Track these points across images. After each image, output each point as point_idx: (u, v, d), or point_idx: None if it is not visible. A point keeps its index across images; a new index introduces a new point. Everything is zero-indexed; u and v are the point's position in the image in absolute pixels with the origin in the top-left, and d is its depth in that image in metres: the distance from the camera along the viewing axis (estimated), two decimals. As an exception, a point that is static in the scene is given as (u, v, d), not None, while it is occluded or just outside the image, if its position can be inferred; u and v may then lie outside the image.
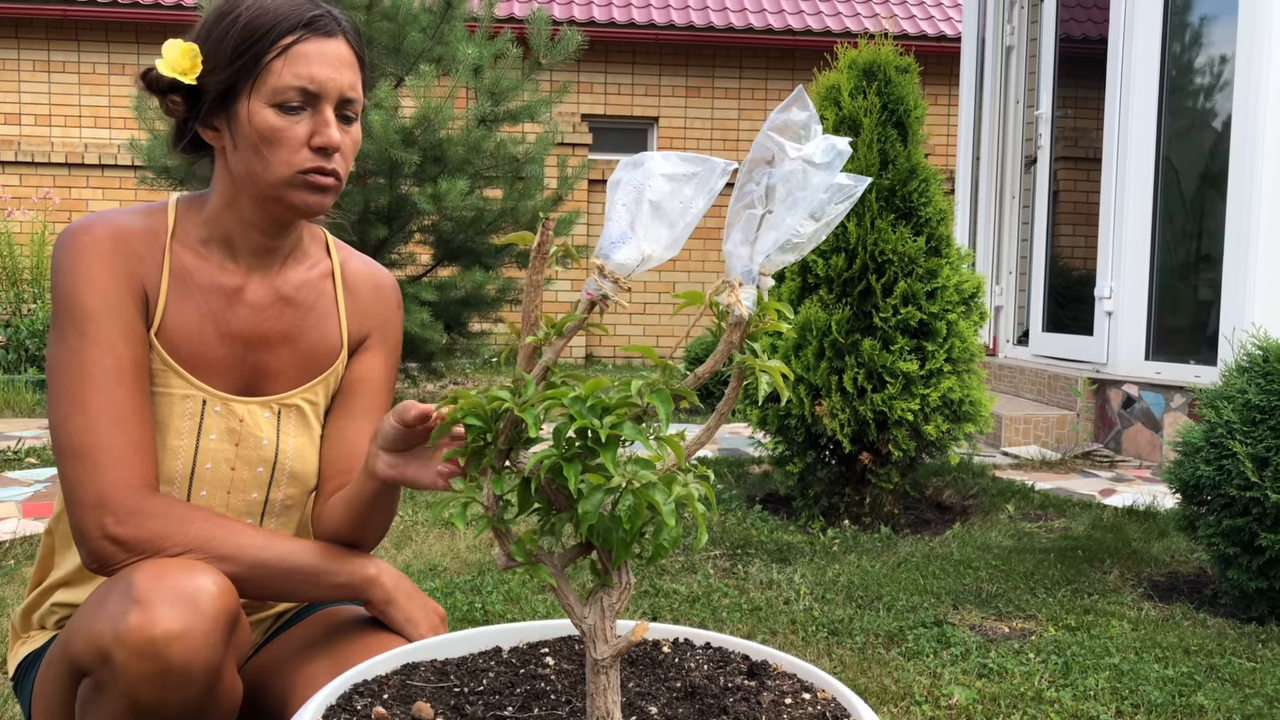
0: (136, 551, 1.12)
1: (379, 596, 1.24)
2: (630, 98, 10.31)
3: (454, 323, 6.35)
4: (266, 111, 1.18)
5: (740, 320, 0.88)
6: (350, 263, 1.38)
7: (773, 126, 0.84)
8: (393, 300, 1.40)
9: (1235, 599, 2.63)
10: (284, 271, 1.30)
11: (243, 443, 1.27)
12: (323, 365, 1.33)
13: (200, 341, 1.24)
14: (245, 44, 1.17)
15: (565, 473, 0.86)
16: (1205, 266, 4.64)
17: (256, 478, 1.28)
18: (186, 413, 1.23)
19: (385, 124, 5.29)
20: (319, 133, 1.19)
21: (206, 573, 1.08)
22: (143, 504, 1.13)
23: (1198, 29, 4.74)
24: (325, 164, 1.20)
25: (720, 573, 2.86)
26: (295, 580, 1.18)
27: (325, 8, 1.23)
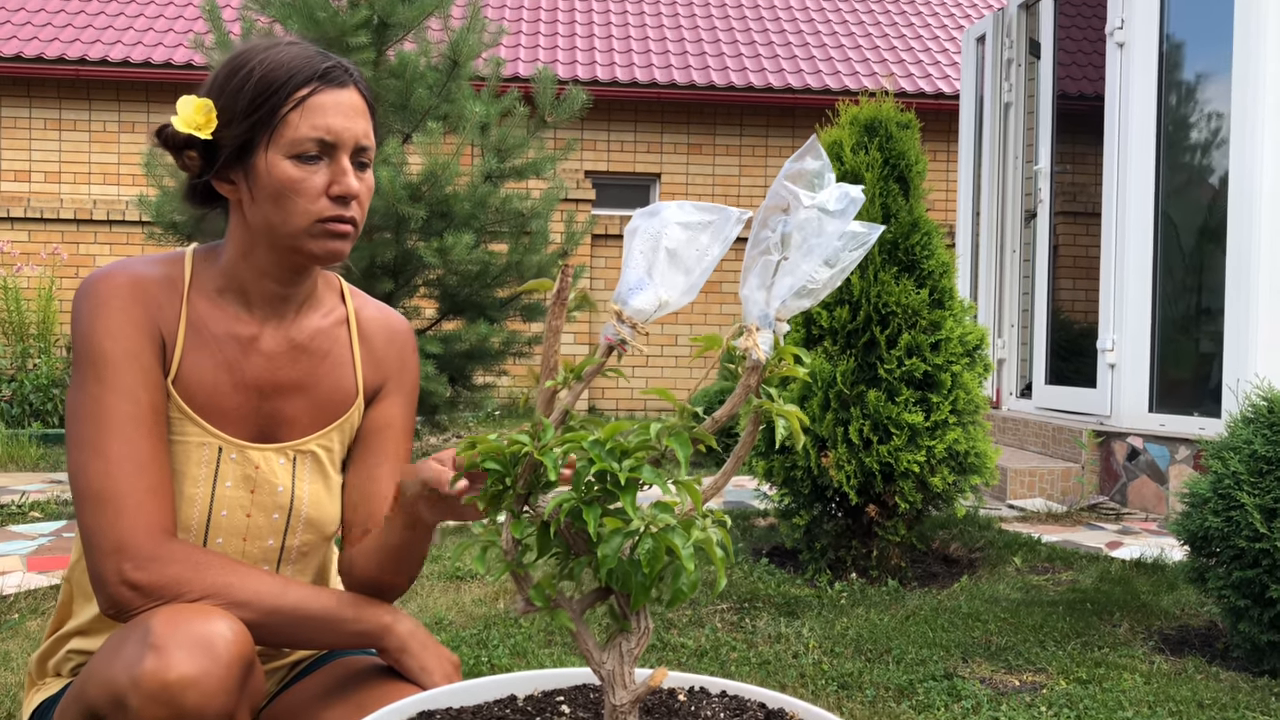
0: (154, 597, 1.12)
1: (394, 645, 1.24)
2: (633, 155, 10.44)
3: (458, 376, 6.36)
4: (285, 163, 1.19)
5: (758, 364, 0.89)
6: (365, 310, 1.40)
7: (787, 175, 0.86)
8: (408, 346, 1.41)
9: (1247, 652, 2.61)
10: (298, 320, 1.31)
11: (258, 489, 1.27)
12: (337, 412, 1.34)
13: (216, 390, 1.25)
14: (261, 98, 1.19)
15: (585, 516, 0.86)
16: (1207, 319, 4.67)
17: (272, 524, 1.29)
18: (203, 460, 1.24)
19: (392, 180, 5.35)
20: (337, 181, 1.21)
21: (222, 619, 1.08)
22: (161, 549, 1.14)
23: (1193, 86, 4.82)
24: (344, 211, 1.22)
25: (728, 626, 2.84)
26: (310, 627, 1.18)
27: (335, 58, 1.25)
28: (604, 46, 10.92)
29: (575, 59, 10.60)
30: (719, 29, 11.54)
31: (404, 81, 5.85)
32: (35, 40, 9.99)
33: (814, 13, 12.15)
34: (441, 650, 1.26)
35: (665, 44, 11.06)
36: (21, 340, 7.53)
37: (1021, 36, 6.24)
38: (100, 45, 10.02)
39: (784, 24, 11.77)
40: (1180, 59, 4.86)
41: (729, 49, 11.05)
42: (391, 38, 5.96)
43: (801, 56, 10.99)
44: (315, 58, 1.22)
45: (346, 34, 5.49)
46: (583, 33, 11.24)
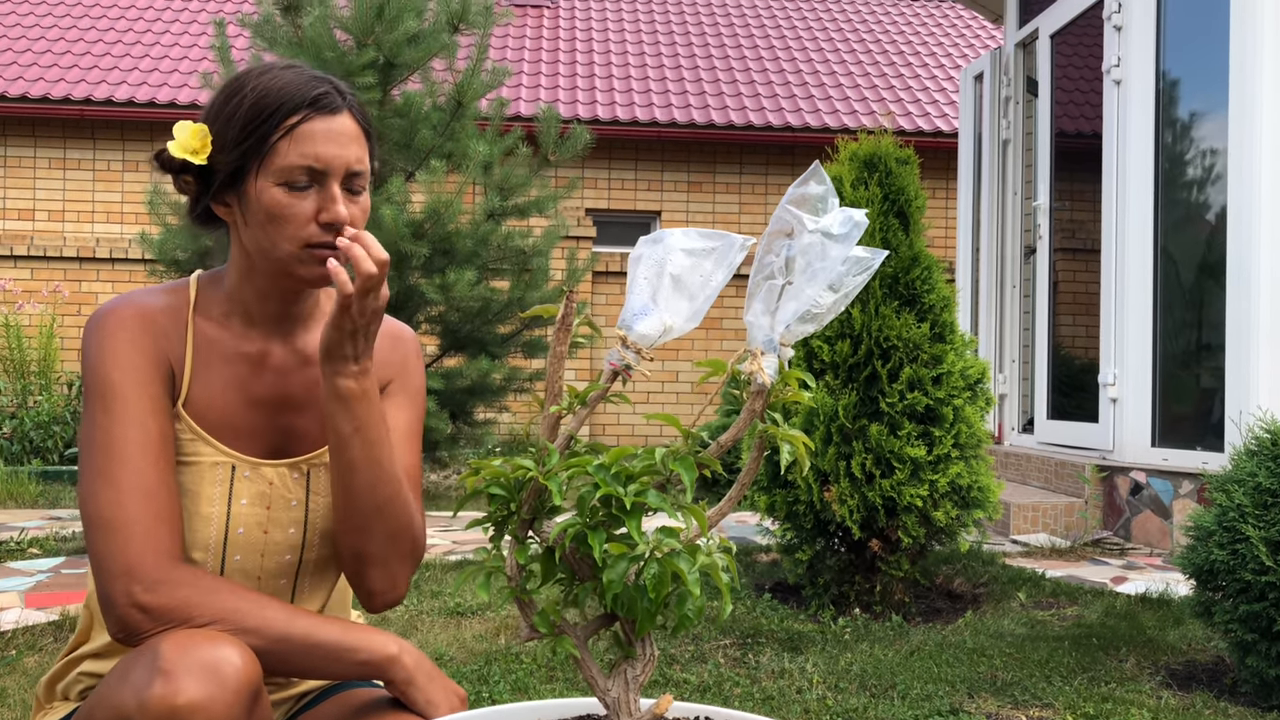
0: (163, 620, 1.12)
1: (400, 676, 1.23)
2: (634, 193, 10.50)
3: (459, 412, 6.37)
4: (274, 190, 1.20)
5: (763, 388, 0.89)
6: None
7: (791, 200, 0.87)
8: (412, 348, 1.41)
9: (1255, 687, 2.59)
10: (306, 334, 1.33)
11: (273, 505, 1.28)
12: None
13: (227, 409, 1.27)
14: (252, 125, 1.20)
15: (590, 541, 0.86)
16: (1208, 353, 4.67)
17: (289, 539, 1.30)
18: (217, 479, 1.25)
19: (395, 217, 5.39)
20: (325, 209, 1.21)
21: (231, 645, 1.08)
22: (170, 573, 1.14)
23: (1190, 124, 4.86)
24: (333, 238, 1.22)
25: (730, 662, 2.82)
26: (317, 656, 1.18)
27: (330, 83, 1.25)
28: (605, 86, 11.03)
29: (576, 98, 10.70)
30: (719, 68, 11.66)
31: (408, 121, 5.91)
32: (41, 81, 10.09)
33: (813, 53, 12.28)
34: (448, 683, 1.26)
35: (665, 83, 11.17)
36: (22, 378, 7.54)
37: (1019, 75, 6.30)
38: (105, 85, 10.12)
39: (783, 63, 11.90)
40: (1177, 96, 4.90)
41: (729, 88, 11.15)
42: (397, 78, 6.04)
43: (800, 96, 11.09)
44: (308, 84, 1.22)
45: (353, 74, 5.55)
46: (584, 73, 11.35)
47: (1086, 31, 5.66)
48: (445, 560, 4.10)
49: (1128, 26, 4.95)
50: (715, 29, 12.75)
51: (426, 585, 3.64)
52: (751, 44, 12.37)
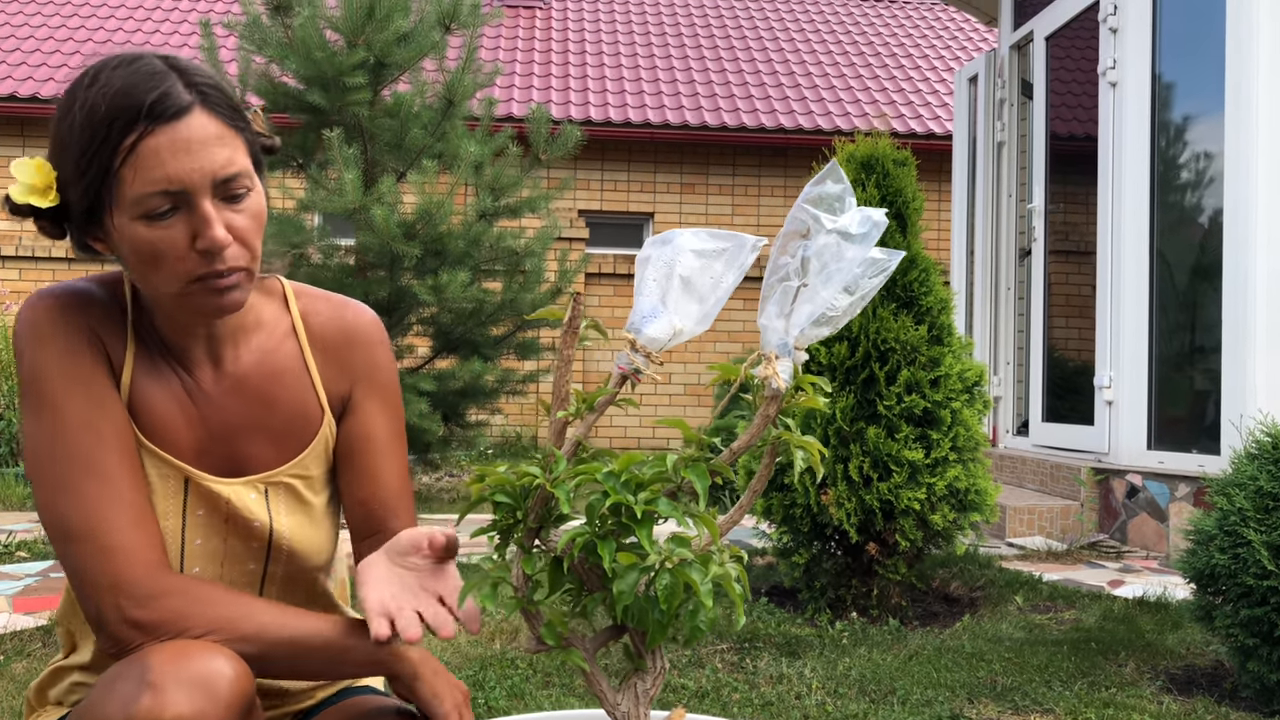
0: (157, 633, 1.07)
1: (406, 671, 1.17)
2: (626, 194, 10.47)
3: (451, 414, 6.33)
4: (135, 226, 1.04)
5: (777, 393, 0.87)
6: (314, 315, 1.27)
7: (808, 199, 0.84)
8: (373, 342, 1.28)
9: (1256, 692, 2.57)
10: (238, 350, 1.20)
11: (232, 520, 1.20)
12: (305, 437, 1.24)
13: (170, 421, 1.16)
14: (88, 154, 1.03)
15: (600, 550, 0.83)
16: (1204, 356, 4.66)
17: (252, 551, 1.22)
18: (169, 492, 1.16)
19: (387, 218, 5.35)
20: (199, 235, 1.05)
21: (223, 657, 1.03)
22: (159, 584, 1.08)
23: (1185, 125, 4.85)
24: (219, 267, 1.07)
25: (728, 667, 2.79)
26: (319, 657, 1.12)
27: (166, 81, 1.05)
28: (597, 87, 11.00)
29: (569, 99, 10.67)
30: (711, 70, 11.65)
31: (399, 121, 5.87)
32: (30, 80, 10.02)
33: (805, 55, 12.27)
34: (452, 678, 1.21)
35: (658, 84, 11.15)
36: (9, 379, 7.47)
37: (1014, 77, 6.29)
38: (95, 85, 10.05)
39: (776, 65, 11.89)
40: (1173, 99, 4.90)
41: (721, 90, 11.14)
42: (388, 78, 5.99)
43: (794, 97, 11.08)
44: (141, 87, 1.03)
45: (344, 74, 5.51)
46: (576, 73, 11.32)
47: (1081, 34, 5.65)
48: (438, 564, 4.06)
49: (1123, 29, 4.94)
50: (708, 30, 12.74)
51: (420, 589, 3.60)
52: (744, 45, 12.36)
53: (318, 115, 5.82)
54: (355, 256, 5.96)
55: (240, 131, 1.09)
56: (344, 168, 5.30)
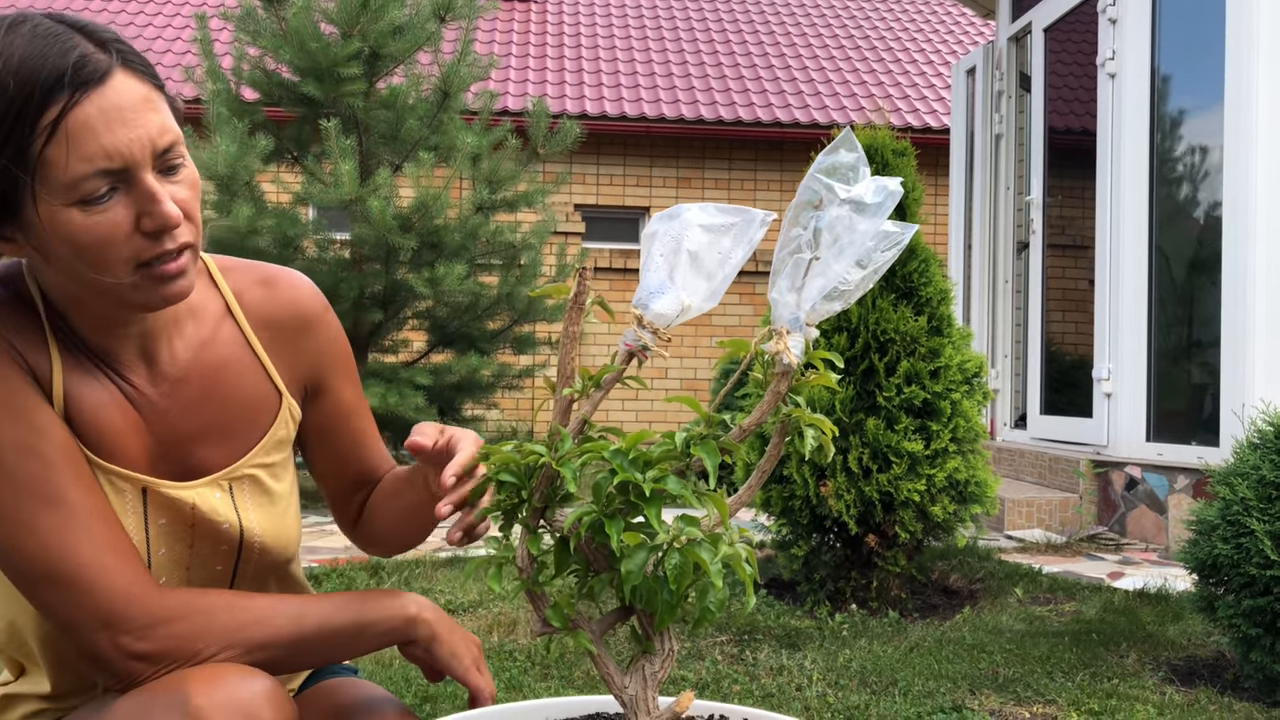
0: (167, 661, 0.97)
1: (424, 634, 1.11)
2: (622, 188, 10.45)
3: (447, 408, 6.31)
4: (69, 214, 0.91)
5: (789, 369, 0.85)
6: (249, 290, 1.15)
7: (820, 169, 0.82)
8: (321, 313, 1.20)
9: (1259, 683, 2.56)
10: (169, 347, 1.08)
11: (199, 525, 1.10)
12: (262, 424, 1.14)
13: (115, 431, 1.04)
14: (1, 135, 0.88)
15: (607, 529, 0.81)
16: (1202, 348, 4.65)
17: (220, 553, 1.12)
18: (127, 507, 1.05)
19: (383, 210, 5.32)
20: (147, 213, 0.93)
21: (261, 680, 0.95)
22: (156, 610, 0.98)
23: (1184, 118, 4.84)
24: (170, 245, 0.95)
25: (728, 659, 2.77)
26: (338, 643, 1.07)
27: (74, 41, 0.90)
28: (593, 81, 10.97)
29: (565, 93, 10.64)
30: (707, 64, 11.62)
31: (395, 112, 5.84)
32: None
33: (801, 49, 12.25)
34: (466, 633, 1.17)
35: (654, 78, 11.12)
36: None
37: (1012, 69, 6.28)
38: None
39: (772, 59, 11.86)
40: (1172, 90, 4.88)
41: (717, 84, 11.11)
42: (383, 69, 5.97)
43: (790, 91, 11.06)
44: (49, 54, 0.88)
45: (339, 65, 5.48)
46: (572, 67, 11.29)
47: (1079, 25, 5.63)
48: (435, 557, 4.04)
49: (1123, 19, 4.93)
50: (704, 24, 12.71)
51: (417, 583, 3.59)
52: (740, 39, 12.34)
53: (312, 107, 5.78)
54: (350, 249, 5.93)
55: (161, 90, 0.96)
56: (340, 159, 5.27)
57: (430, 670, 1.17)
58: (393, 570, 3.71)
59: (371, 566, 3.76)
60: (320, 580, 3.52)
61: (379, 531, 1.29)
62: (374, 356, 6.18)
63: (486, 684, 1.14)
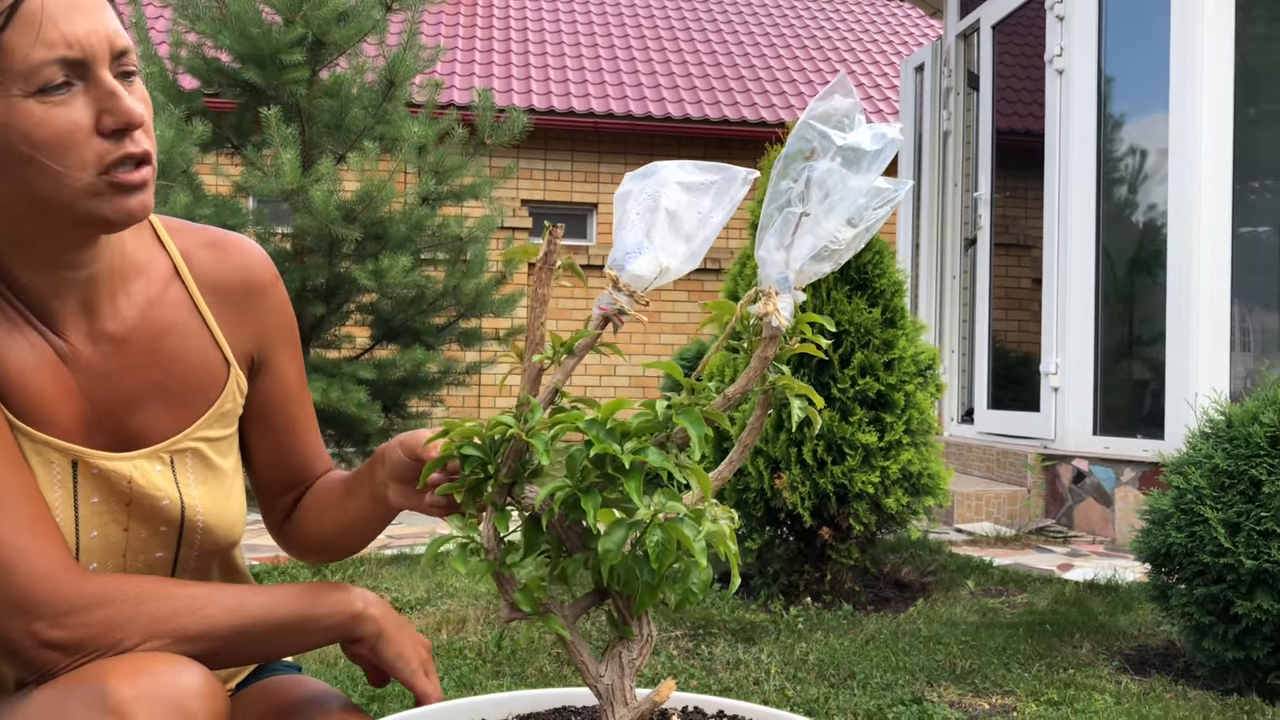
0: (84, 652, 0.90)
1: (370, 631, 1.04)
2: (570, 184, 10.37)
3: (392, 404, 6.18)
4: (27, 106, 0.85)
5: (777, 332, 0.79)
6: (197, 252, 1.08)
7: (814, 115, 0.76)
8: (270, 282, 1.13)
9: (1211, 670, 2.57)
10: (114, 303, 1.00)
11: (135, 503, 1.02)
12: (208, 395, 1.07)
13: (43, 396, 0.96)
14: None
15: (583, 505, 0.75)
16: (1148, 344, 4.71)
17: (159, 537, 1.04)
18: (55, 481, 0.97)
19: (326, 200, 5.19)
20: (109, 110, 0.88)
21: (190, 670, 0.88)
22: (76, 595, 0.91)
23: (1132, 114, 4.89)
24: (133, 149, 0.90)
25: (683, 654, 2.72)
26: (279, 637, 0.99)
27: None
28: (540, 76, 10.88)
29: (511, 87, 10.53)
30: (655, 60, 11.58)
31: (339, 101, 5.71)
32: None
33: (749, 47, 12.27)
34: (415, 633, 1.10)
35: (602, 74, 11.06)
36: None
37: (960, 66, 6.31)
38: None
39: (719, 57, 11.86)
40: (1119, 86, 4.93)
41: (665, 80, 11.08)
42: (326, 57, 5.82)
43: (738, 89, 11.06)
44: None
45: (281, 51, 5.33)
46: (519, 61, 11.18)
47: (1027, 22, 5.68)
48: (380, 555, 3.94)
49: (1070, 16, 4.97)
50: (651, 21, 12.67)
51: (362, 580, 3.49)
52: (688, 36, 12.32)
53: (253, 94, 5.63)
54: (292, 241, 5.78)
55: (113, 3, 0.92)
56: (281, 148, 5.13)
57: (374, 672, 1.10)
58: (336, 568, 3.61)
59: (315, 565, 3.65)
60: (260, 578, 3.41)
61: (312, 538, 1.20)
62: (316, 351, 6.03)
63: (434, 689, 1.07)
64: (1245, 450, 2.51)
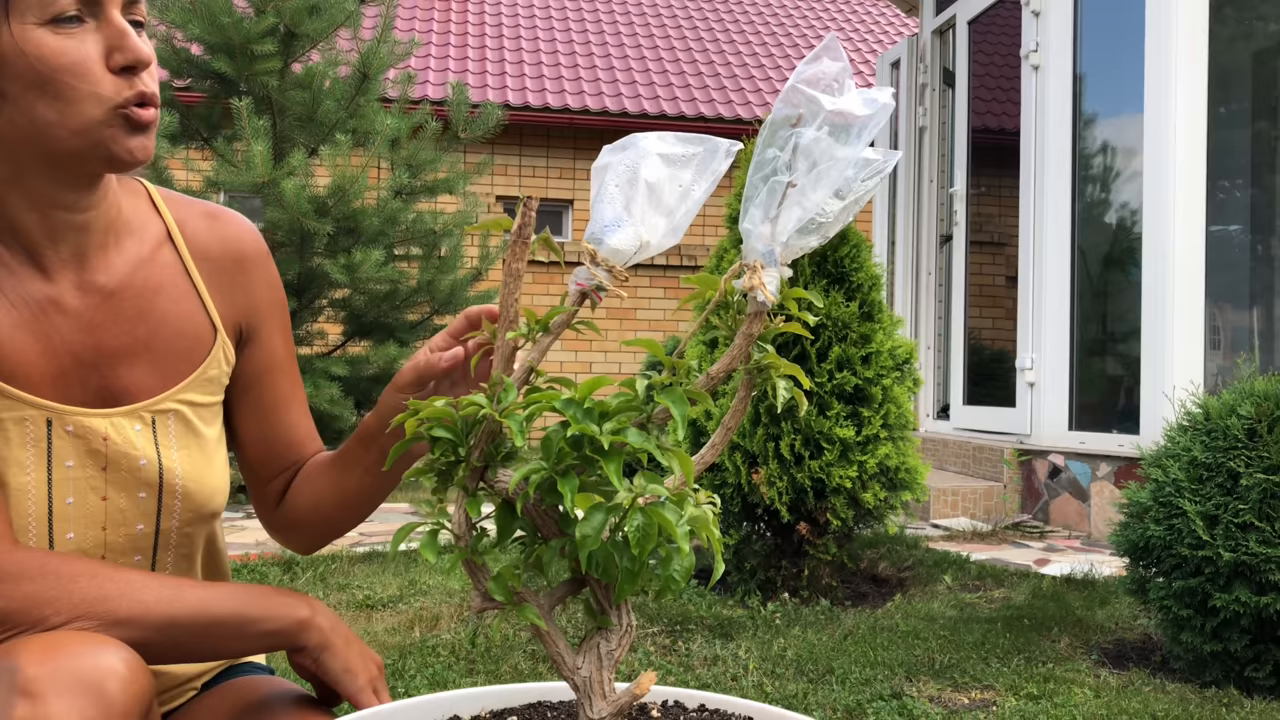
0: (6, 626, 0.86)
1: (315, 641, 1.01)
2: (545, 180, 10.31)
3: (365, 400, 6.11)
4: (40, 34, 0.86)
5: (763, 308, 0.76)
6: (191, 221, 1.08)
7: (803, 79, 0.73)
8: (262, 256, 1.13)
9: (1189, 663, 2.56)
10: (107, 256, 0.99)
11: (112, 466, 0.99)
12: (194, 356, 1.05)
13: (20, 353, 0.94)
14: None
15: (560, 488, 0.71)
16: (1123, 340, 4.72)
17: (139, 506, 1.01)
18: (27, 440, 0.94)
19: (297, 193, 5.12)
20: (119, 48, 0.89)
21: (112, 650, 0.84)
22: (9, 566, 0.88)
23: (1107, 109, 4.90)
24: (144, 87, 0.90)
25: (660, 650, 2.69)
26: (216, 635, 0.95)
27: None
28: (516, 71, 10.81)
29: (487, 83, 10.46)
30: (631, 57, 11.54)
31: (311, 93, 5.64)
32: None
33: (725, 44, 12.25)
34: (365, 649, 1.06)
35: (578, 70, 11.01)
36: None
37: (935, 62, 6.31)
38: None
39: (695, 54, 11.84)
40: (1095, 81, 4.94)
41: (641, 77, 11.04)
42: (299, 49, 5.75)
43: (713, 86, 11.04)
44: None
45: (251, 41, 5.26)
46: (494, 57, 11.11)
47: (1003, 18, 5.69)
48: (353, 552, 3.88)
49: (1045, 12, 4.97)
50: (627, 16, 12.63)
51: (333, 578, 3.43)
52: (664, 33, 12.29)
53: (224, 85, 5.55)
54: (263, 235, 5.71)
55: None
56: (252, 140, 5.05)
57: (320, 686, 1.06)
58: (307, 565, 3.55)
59: (285, 562, 3.59)
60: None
61: (311, 516, 1.16)
62: (288, 346, 5.95)
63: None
64: (1223, 443, 2.51)
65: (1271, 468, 2.42)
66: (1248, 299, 4.81)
